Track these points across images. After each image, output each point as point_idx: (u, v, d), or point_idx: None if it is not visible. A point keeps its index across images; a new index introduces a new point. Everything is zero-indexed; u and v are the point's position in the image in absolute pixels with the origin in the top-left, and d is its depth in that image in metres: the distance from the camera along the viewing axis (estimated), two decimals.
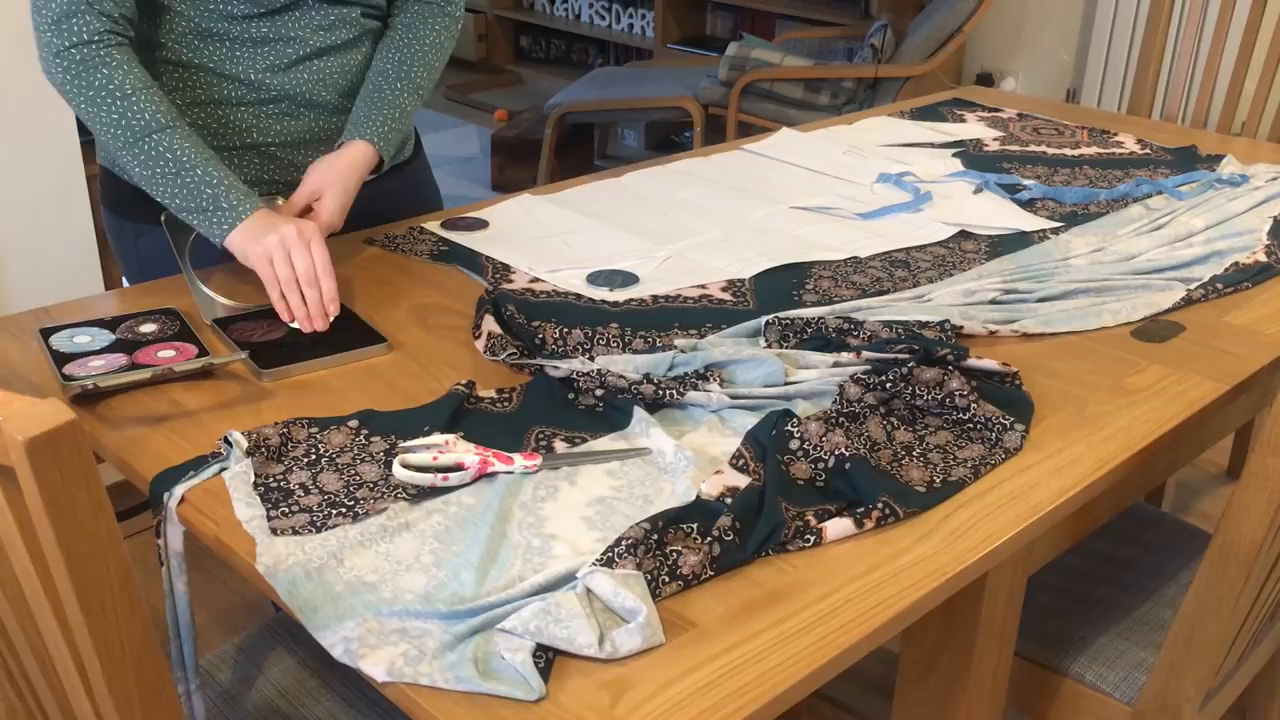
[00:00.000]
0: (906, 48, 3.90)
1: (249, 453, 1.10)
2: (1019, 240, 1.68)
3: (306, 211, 1.46)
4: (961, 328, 1.38)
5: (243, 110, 1.49)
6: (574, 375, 1.23)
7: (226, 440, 1.11)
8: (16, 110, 2.18)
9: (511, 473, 1.09)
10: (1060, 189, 1.87)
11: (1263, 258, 1.63)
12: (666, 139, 5.06)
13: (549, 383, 1.24)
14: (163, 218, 1.39)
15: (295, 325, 1.34)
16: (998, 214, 1.78)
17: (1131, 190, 1.87)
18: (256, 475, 1.08)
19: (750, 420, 1.17)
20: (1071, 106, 2.45)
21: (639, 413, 1.18)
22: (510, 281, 1.50)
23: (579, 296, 1.46)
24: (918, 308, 1.43)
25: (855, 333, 1.33)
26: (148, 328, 1.35)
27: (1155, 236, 1.68)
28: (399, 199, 1.71)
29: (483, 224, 1.68)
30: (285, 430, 1.13)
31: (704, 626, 0.92)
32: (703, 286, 1.50)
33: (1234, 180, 1.91)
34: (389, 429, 1.16)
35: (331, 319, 1.34)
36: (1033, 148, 2.12)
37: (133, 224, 1.54)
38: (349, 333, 1.34)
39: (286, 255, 1.33)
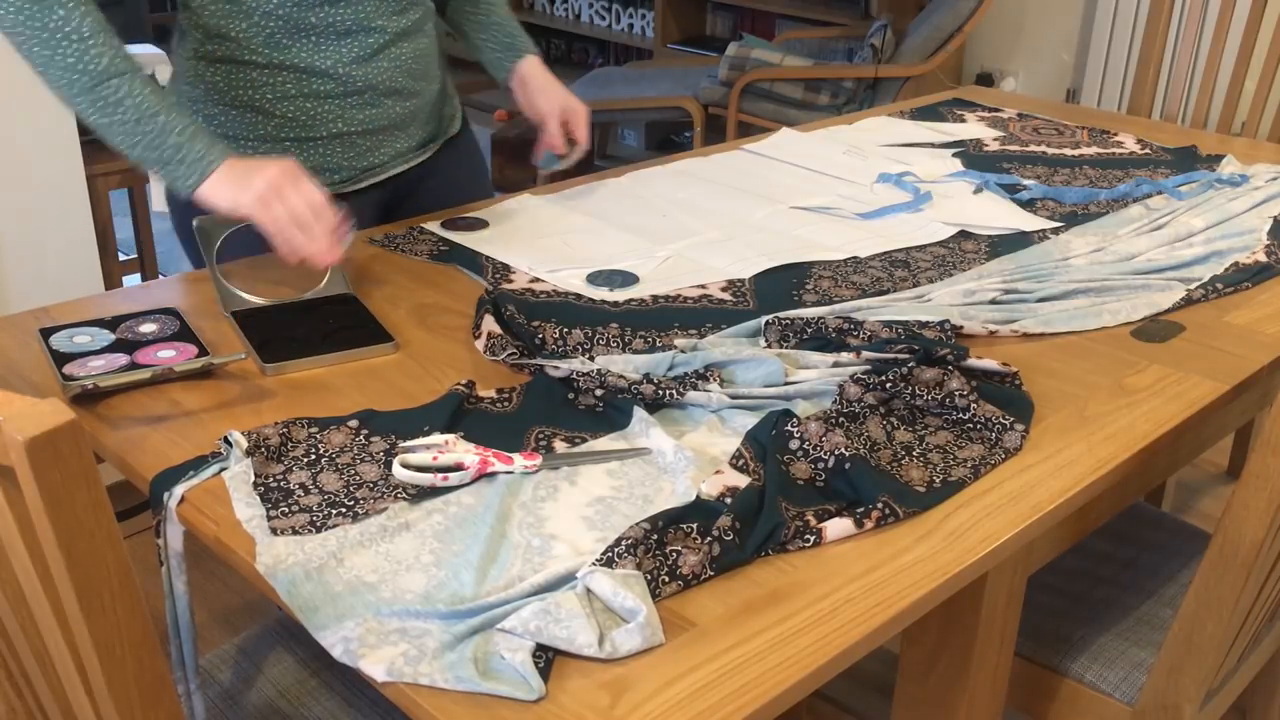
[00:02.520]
0: (906, 48, 3.90)
1: (249, 453, 1.10)
2: (1019, 240, 1.68)
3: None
4: (961, 328, 1.38)
5: (330, 103, 1.55)
6: (574, 375, 1.23)
7: (226, 440, 1.11)
8: (16, 110, 2.18)
9: (511, 473, 1.09)
10: (1060, 189, 1.87)
11: (1263, 258, 1.63)
12: (666, 139, 5.06)
13: (549, 383, 1.24)
14: (194, 221, 1.40)
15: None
16: (998, 214, 1.78)
17: (1131, 190, 1.87)
18: (256, 475, 1.08)
19: (750, 420, 1.17)
20: (1071, 106, 2.45)
21: (639, 413, 1.18)
22: (510, 281, 1.50)
23: (579, 296, 1.46)
24: (918, 308, 1.43)
25: (855, 333, 1.33)
26: (148, 328, 1.35)
27: (1155, 236, 1.68)
28: (454, 171, 1.79)
29: (483, 224, 1.68)
30: (285, 430, 1.14)
31: (704, 626, 0.92)
32: (703, 286, 1.50)
33: (1234, 180, 1.91)
34: (389, 429, 1.16)
35: (344, 250, 1.36)
36: (1033, 148, 2.12)
37: (195, 208, 1.50)
38: (357, 329, 1.35)
39: (280, 197, 1.32)
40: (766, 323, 1.36)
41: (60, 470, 0.73)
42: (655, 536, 0.97)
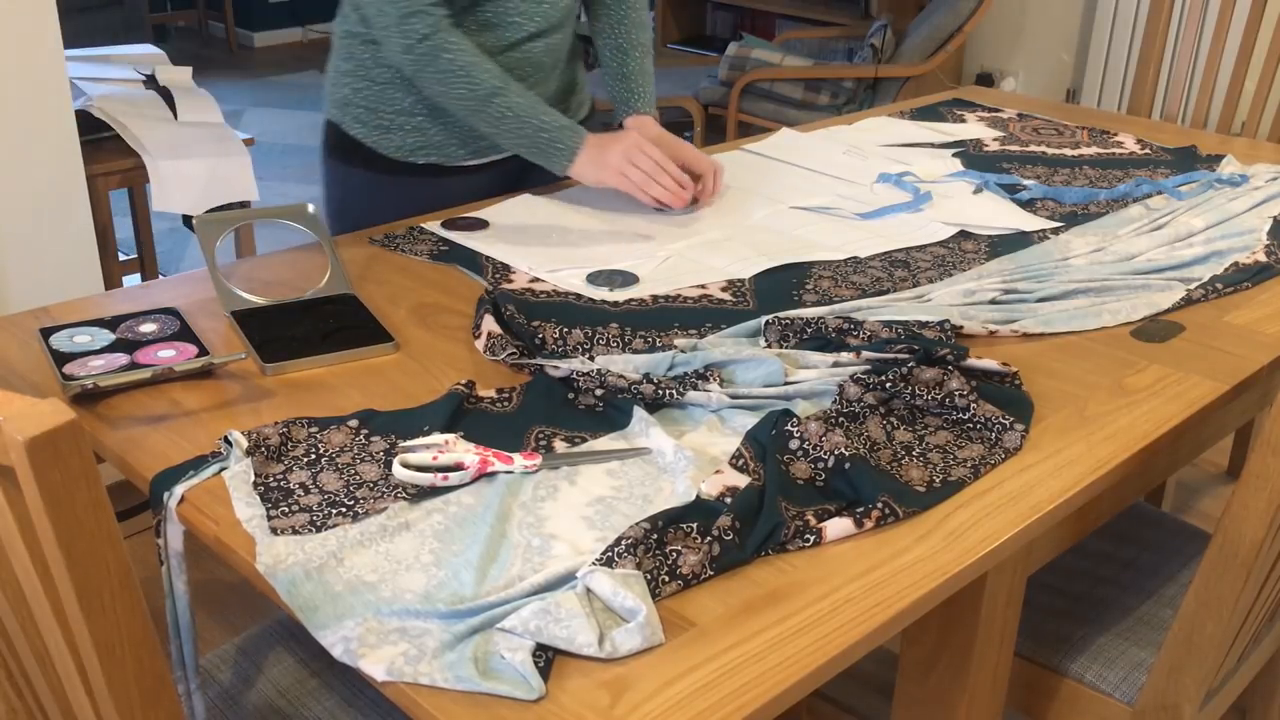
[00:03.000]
0: (906, 48, 3.90)
1: (249, 452, 1.10)
2: (1019, 240, 1.68)
3: None
4: (961, 328, 1.38)
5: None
6: (574, 375, 1.23)
7: (226, 440, 1.11)
8: (16, 110, 2.18)
9: (511, 472, 1.09)
10: (1060, 189, 1.87)
11: (1263, 258, 1.63)
12: None
13: (549, 383, 1.24)
14: (194, 220, 1.42)
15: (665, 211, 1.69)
16: (998, 214, 1.78)
17: (1131, 190, 1.87)
18: (256, 475, 1.08)
19: (750, 420, 1.17)
20: (1071, 106, 2.45)
21: (639, 413, 1.18)
22: (510, 281, 1.50)
23: (579, 296, 1.46)
24: (918, 308, 1.43)
25: (855, 333, 1.33)
26: (148, 327, 1.35)
27: (1155, 236, 1.68)
28: None
29: (483, 224, 1.68)
30: (285, 430, 1.14)
31: (704, 626, 0.92)
32: (703, 286, 1.50)
33: (1234, 180, 1.91)
34: (389, 429, 1.16)
35: (690, 199, 1.68)
36: (1033, 148, 2.12)
37: (348, 169, 1.79)
38: (357, 329, 1.35)
39: (632, 162, 1.64)
40: (766, 323, 1.36)
41: (60, 470, 0.73)
42: (655, 536, 0.97)
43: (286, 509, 1.03)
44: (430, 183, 1.78)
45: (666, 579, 0.95)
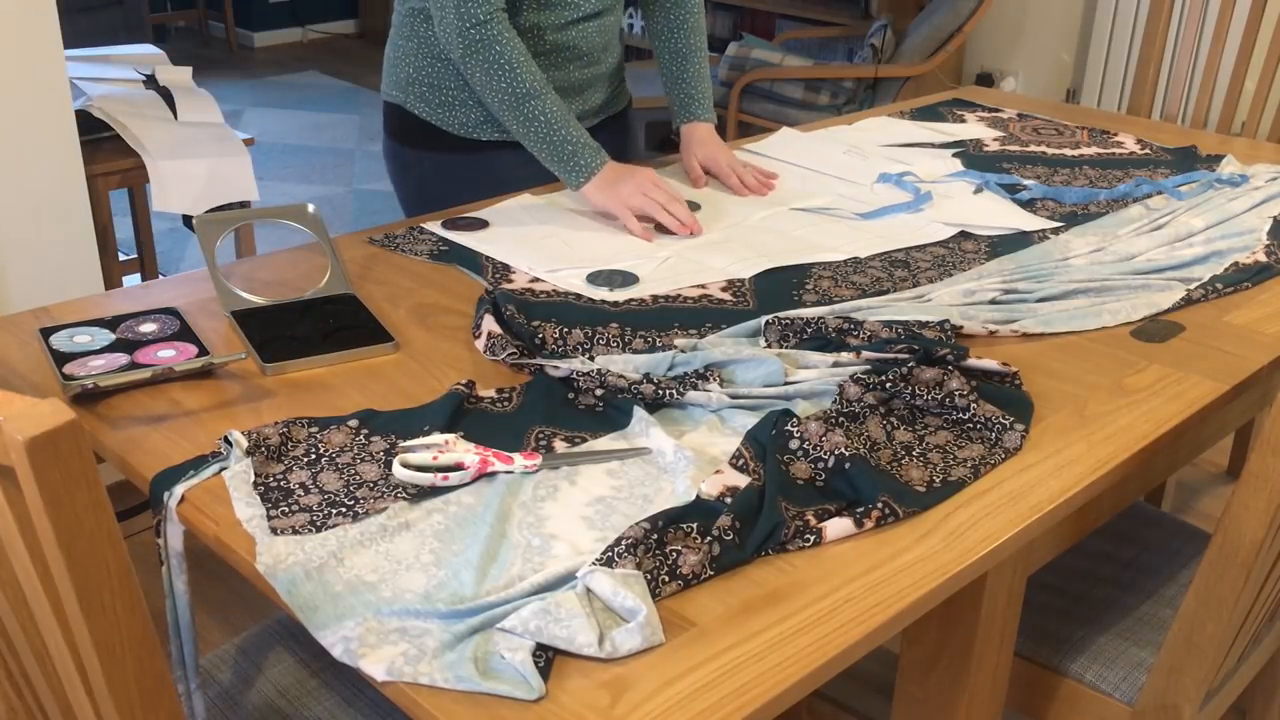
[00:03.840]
0: (906, 48, 3.90)
1: (249, 452, 1.10)
2: (1019, 240, 1.68)
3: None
4: (961, 328, 1.38)
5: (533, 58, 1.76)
6: (574, 375, 1.23)
7: (226, 440, 1.11)
8: (16, 111, 2.18)
9: (511, 472, 1.09)
10: (1060, 189, 1.87)
11: (1263, 258, 1.63)
12: (666, 139, 5.05)
13: (549, 383, 1.24)
14: (194, 220, 1.42)
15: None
16: (998, 214, 1.78)
17: (1131, 190, 1.87)
18: (256, 475, 1.08)
19: (750, 420, 1.17)
20: (1071, 106, 2.45)
21: (639, 413, 1.18)
22: (510, 281, 1.50)
23: (579, 296, 1.46)
24: (918, 308, 1.43)
25: (855, 333, 1.33)
26: (148, 327, 1.35)
27: (1155, 236, 1.68)
28: (610, 142, 1.89)
29: (483, 224, 1.68)
30: (285, 430, 1.14)
31: (704, 626, 0.92)
32: (703, 286, 1.50)
33: (1234, 180, 1.91)
34: (389, 429, 1.16)
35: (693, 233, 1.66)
36: (1033, 148, 2.12)
37: (413, 150, 1.85)
38: (357, 329, 1.35)
39: (644, 195, 1.66)
40: (766, 323, 1.36)
41: (60, 470, 0.73)
42: (655, 536, 0.97)
43: (286, 509, 1.03)
44: (496, 157, 1.83)
45: (666, 579, 0.95)
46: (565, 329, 1.34)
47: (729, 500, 1.03)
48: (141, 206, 2.96)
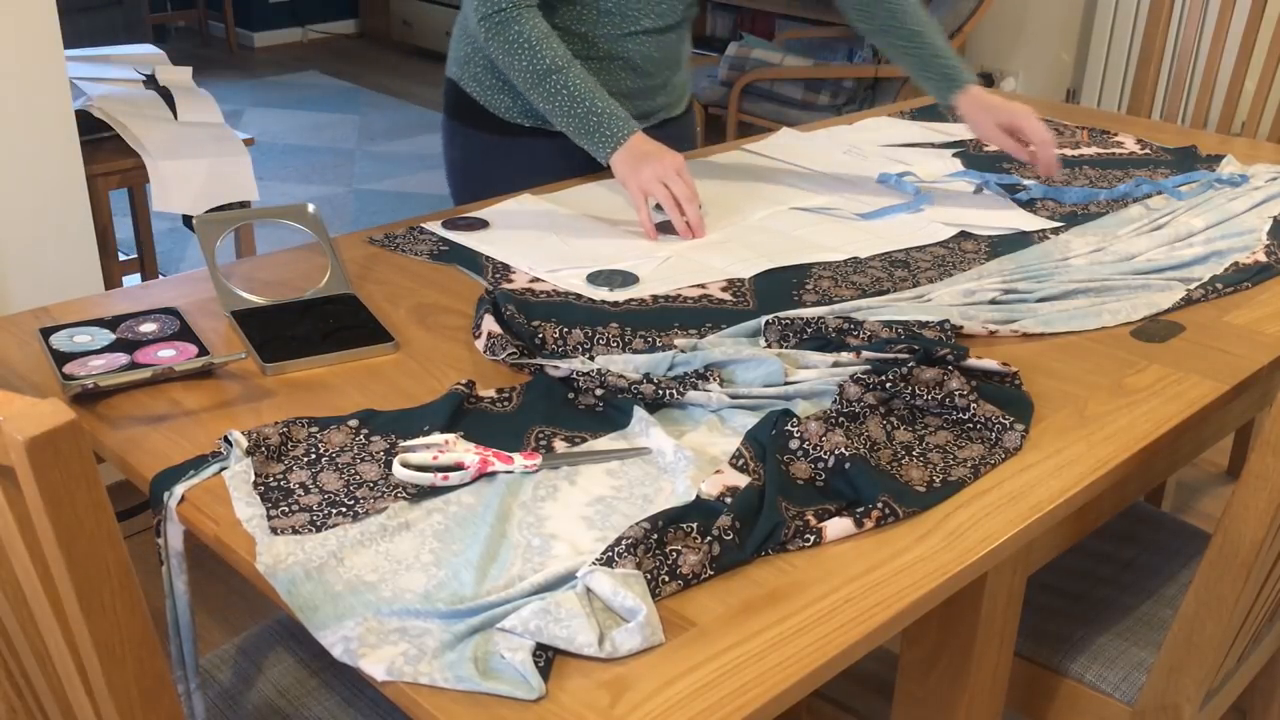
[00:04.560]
0: None
1: (249, 452, 1.10)
2: (1019, 240, 1.68)
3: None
4: (961, 328, 1.38)
5: (580, 62, 1.78)
6: (574, 375, 1.23)
7: (226, 439, 1.11)
8: (16, 110, 2.18)
9: (511, 472, 1.09)
10: (1060, 189, 1.87)
11: (1263, 258, 1.63)
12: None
13: (549, 382, 1.24)
14: (194, 220, 1.42)
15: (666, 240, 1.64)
16: (998, 214, 1.78)
17: (1131, 190, 1.87)
18: (256, 474, 1.08)
19: (750, 420, 1.17)
20: (1071, 106, 2.45)
21: (639, 412, 1.18)
22: (510, 281, 1.50)
23: (579, 296, 1.46)
24: (918, 308, 1.43)
25: (855, 333, 1.33)
26: (148, 327, 1.35)
27: (1155, 236, 1.68)
28: (666, 143, 1.90)
29: (483, 224, 1.68)
30: (285, 430, 1.14)
31: (704, 626, 0.92)
32: (703, 286, 1.50)
33: (1234, 180, 1.91)
34: (389, 428, 1.16)
35: (698, 235, 1.65)
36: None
37: (463, 128, 1.89)
38: (357, 329, 1.35)
39: (663, 184, 1.63)
40: (766, 323, 1.36)
41: (60, 470, 0.73)
42: (655, 536, 0.97)
43: (286, 509, 1.03)
44: (537, 146, 1.86)
45: (666, 579, 0.95)
46: (565, 329, 1.34)
47: (729, 500, 1.03)
48: (141, 206, 2.97)
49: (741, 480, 1.06)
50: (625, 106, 1.87)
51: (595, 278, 1.51)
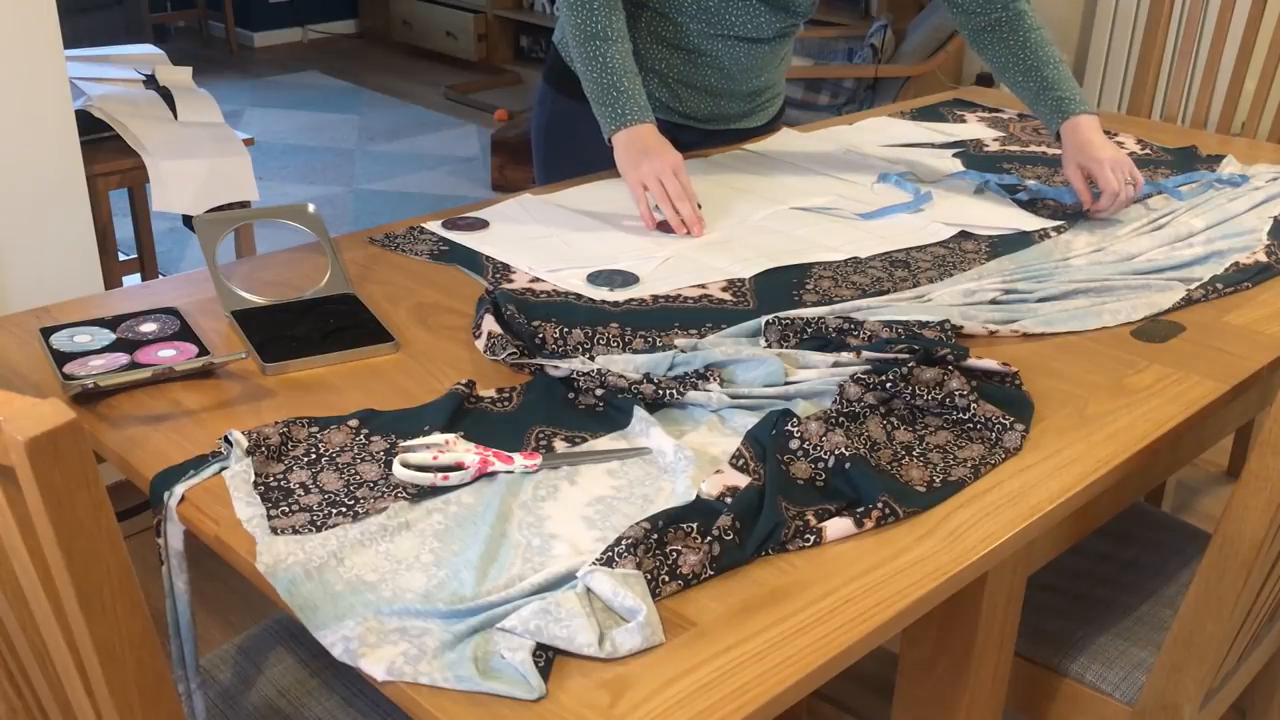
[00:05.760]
0: (906, 48, 3.90)
1: (249, 452, 1.10)
2: (1019, 240, 1.68)
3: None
4: (961, 328, 1.38)
5: (663, 48, 1.88)
6: (574, 375, 1.23)
7: (227, 439, 1.11)
8: (16, 110, 2.18)
9: (511, 472, 1.09)
10: (1060, 189, 1.87)
11: (1263, 258, 1.63)
12: None
13: (549, 382, 1.24)
14: (194, 220, 1.43)
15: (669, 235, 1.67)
16: (998, 214, 1.78)
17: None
18: (256, 474, 1.08)
19: (750, 420, 1.17)
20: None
21: (639, 412, 1.18)
22: (510, 281, 1.50)
23: (579, 296, 1.46)
24: (918, 308, 1.43)
25: (855, 333, 1.33)
26: (148, 327, 1.35)
27: (1155, 236, 1.68)
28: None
29: (483, 224, 1.68)
30: (285, 429, 1.14)
31: (704, 626, 0.92)
32: (703, 286, 1.50)
33: (1234, 180, 1.91)
34: (389, 428, 1.16)
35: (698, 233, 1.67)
36: (1033, 148, 2.12)
37: (553, 91, 1.98)
38: (357, 329, 1.35)
39: (658, 180, 1.66)
40: (766, 323, 1.36)
41: (60, 470, 0.73)
42: (655, 536, 0.97)
43: (286, 509, 1.03)
44: None
45: (666, 579, 0.95)
46: (565, 329, 1.34)
47: (729, 500, 1.03)
48: (141, 206, 2.96)
49: (742, 480, 1.06)
50: (706, 104, 1.93)
51: (595, 278, 1.51)
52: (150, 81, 2.67)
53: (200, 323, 1.38)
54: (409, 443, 1.10)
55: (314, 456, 1.11)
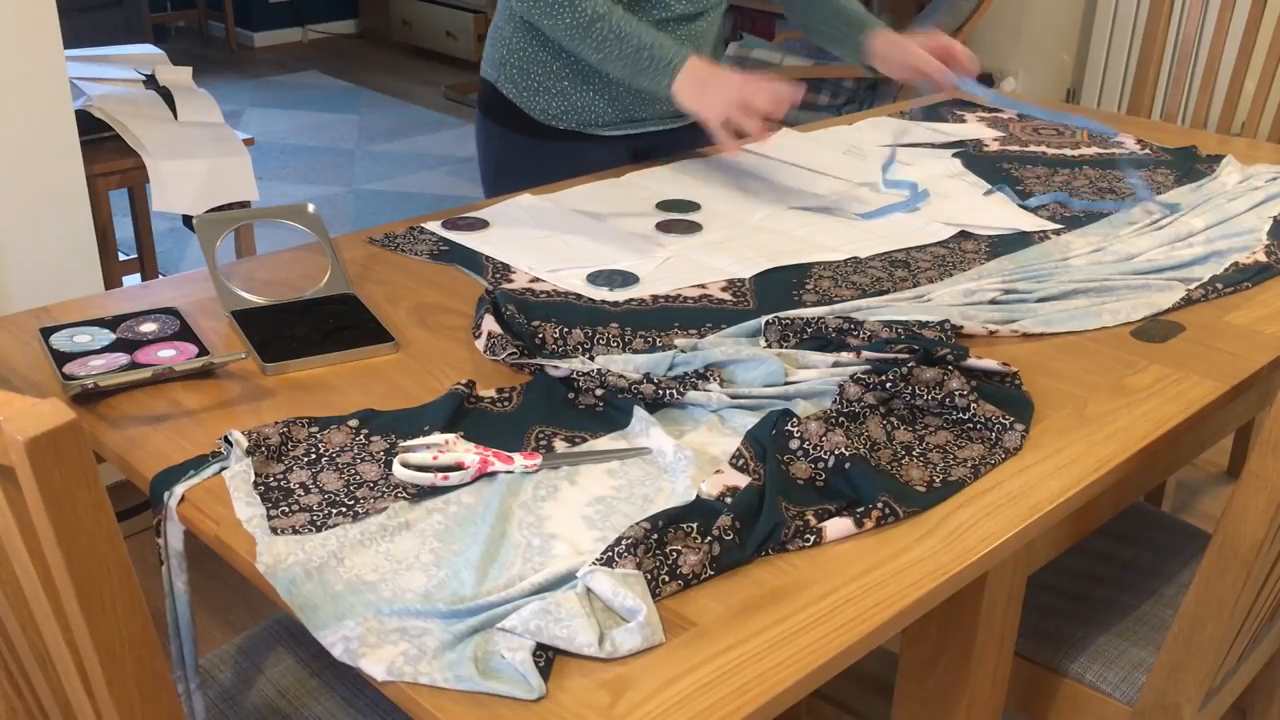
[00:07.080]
0: None
1: (249, 452, 1.10)
2: (1019, 240, 1.68)
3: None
4: (961, 328, 1.38)
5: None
6: (574, 375, 1.23)
7: (226, 439, 1.11)
8: (16, 110, 2.18)
9: (511, 472, 1.09)
10: (1066, 198, 1.86)
11: (1263, 258, 1.63)
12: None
13: (549, 382, 1.24)
14: (194, 220, 1.43)
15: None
16: (998, 214, 1.78)
17: (1134, 203, 1.87)
18: (256, 474, 1.08)
19: (750, 420, 1.17)
20: (1072, 106, 2.44)
21: (639, 412, 1.18)
22: (510, 281, 1.50)
23: (579, 296, 1.46)
24: (918, 308, 1.43)
25: (855, 333, 1.33)
26: (148, 327, 1.35)
27: (1155, 236, 1.68)
28: (696, 145, 1.98)
29: (483, 224, 1.68)
30: (285, 429, 1.14)
31: (704, 626, 0.92)
32: (703, 286, 1.50)
33: (1171, 207, 1.91)
34: (389, 428, 1.16)
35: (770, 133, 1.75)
36: (1033, 148, 2.12)
37: (497, 127, 1.93)
38: (357, 329, 1.35)
39: (738, 108, 1.62)
40: (766, 323, 1.36)
41: (60, 470, 0.73)
42: (655, 536, 0.97)
43: (286, 509, 1.03)
44: (570, 148, 1.90)
45: (666, 579, 0.95)
46: (565, 329, 1.34)
47: (729, 500, 1.03)
48: (141, 206, 2.96)
49: (741, 480, 1.06)
50: (650, 105, 1.90)
51: (595, 278, 1.51)
52: (150, 81, 2.67)
53: (200, 323, 1.38)
54: (409, 443, 1.10)
55: (314, 456, 1.11)
